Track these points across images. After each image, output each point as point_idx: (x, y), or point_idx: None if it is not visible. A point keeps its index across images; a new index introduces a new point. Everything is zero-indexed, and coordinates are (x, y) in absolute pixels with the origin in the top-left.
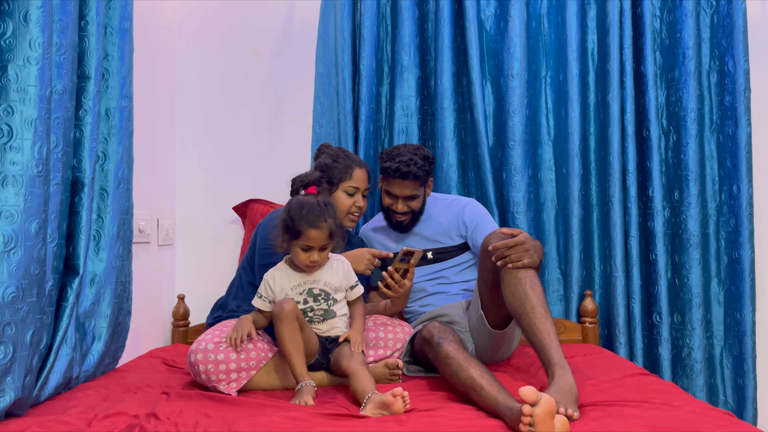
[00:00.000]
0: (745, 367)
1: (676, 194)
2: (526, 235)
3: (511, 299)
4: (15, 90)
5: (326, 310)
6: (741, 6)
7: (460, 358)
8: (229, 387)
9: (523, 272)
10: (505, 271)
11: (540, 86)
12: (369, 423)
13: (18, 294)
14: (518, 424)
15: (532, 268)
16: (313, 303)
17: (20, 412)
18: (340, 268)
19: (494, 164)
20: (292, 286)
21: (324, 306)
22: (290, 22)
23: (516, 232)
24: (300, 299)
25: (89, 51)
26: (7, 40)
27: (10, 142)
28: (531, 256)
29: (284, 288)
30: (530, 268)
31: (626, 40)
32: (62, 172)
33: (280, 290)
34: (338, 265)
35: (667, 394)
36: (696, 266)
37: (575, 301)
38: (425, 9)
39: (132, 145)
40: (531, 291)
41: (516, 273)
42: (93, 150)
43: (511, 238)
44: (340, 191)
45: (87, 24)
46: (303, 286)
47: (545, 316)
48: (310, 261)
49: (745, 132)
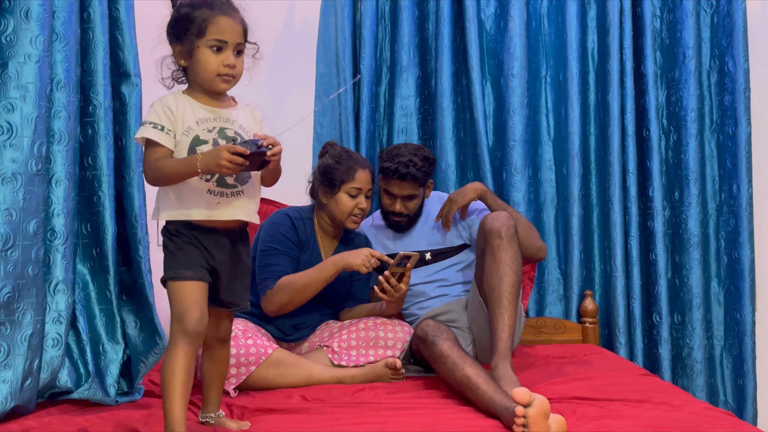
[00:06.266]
0: (745, 367)
1: (676, 194)
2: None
3: (485, 285)
4: (15, 87)
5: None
6: (741, 6)
7: (455, 356)
8: (228, 383)
9: (503, 254)
10: (488, 253)
11: (540, 86)
12: (366, 422)
13: (14, 294)
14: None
15: (511, 251)
16: None
17: (20, 413)
18: (252, 114)
19: (494, 164)
20: (199, 119)
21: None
22: (290, 22)
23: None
24: (209, 139)
25: (94, 44)
26: (7, 36)
27: (9, 140)
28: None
29: (187, 119)
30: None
31: (626, 39)
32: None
33: (181, 120)
34: (249, 111)
35: (667, 393)
36: (696, 266)
37: (575, 301)
38: (425, 9)
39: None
40: (503, 279)
41: (496, 256)
42: (109, 146)
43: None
44: (342, 193)
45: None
46: (213, 123)
47: (507, 308)
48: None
49: (745, 132)
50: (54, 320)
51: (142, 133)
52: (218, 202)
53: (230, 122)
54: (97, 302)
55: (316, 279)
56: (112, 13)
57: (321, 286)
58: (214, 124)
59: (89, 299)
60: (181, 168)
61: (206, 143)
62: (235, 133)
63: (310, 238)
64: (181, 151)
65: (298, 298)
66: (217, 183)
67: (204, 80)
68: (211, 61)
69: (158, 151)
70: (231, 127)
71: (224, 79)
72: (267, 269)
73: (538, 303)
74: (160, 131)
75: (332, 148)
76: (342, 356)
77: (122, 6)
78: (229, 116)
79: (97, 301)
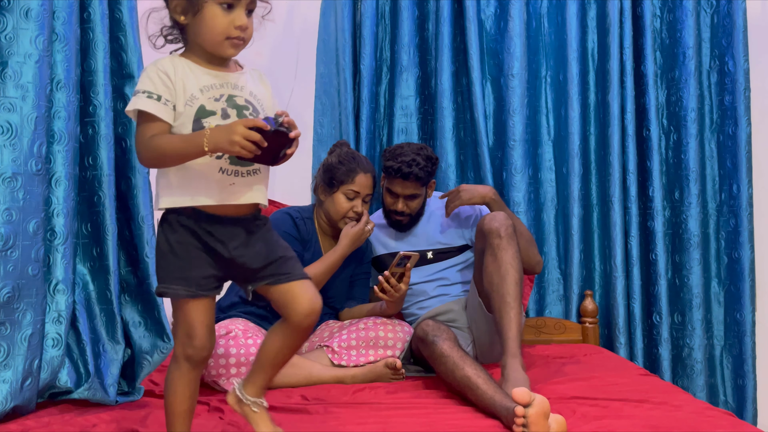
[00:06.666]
0: (745, 368)
1: (676, 194)
2: (464, 185)
3: (488, 285)
4: (15, 87)
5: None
6: (741, 6)
7: (455, 356)
8: (228, 382)
9: (504, 254)
10: (488, 253)
11: (540, 86)
12: (366, 422)
13: (14, 294)
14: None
15: (511, 250)
16: (237, 119)
17: (20, 413)
18: (262, 80)
19: (494, 164)
20: (203, 86)
21: None
22: (290, 22)
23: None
24: (216, 110)
25: (95, 43)
26: (7, 36)
27: (9, 140)
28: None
29: (188, 86)
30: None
31: (626, 39)
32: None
33: (182, 88)
34: (258, 76)
35: (667, 393)
36: (696, 266)
37: (575, 301)
38: (425, 9)
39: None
40: (505, 278)
41: (496, 256)
42: (109, 146)
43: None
44: (339, 193)
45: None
46: (219, 90)
47: (512, 306)
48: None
49: (745, 132)
50: (54, 320)
51: (135, 105)
52: (232, 182)
53: (239, 89)
54: (97, 302)
55: (324, 272)
56: (115, 15)
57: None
58: (221, 92)
59: (89, 299)
60: (184, 146)
61: (214, 114)
62: (245, 102)
63: (311, 238)
64: (184, 125)
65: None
66: (230, 160)
67: (209, 43)
68: (220, 20)
69: (154, 126)
70: (240, 95)
71: (234, 42)
72: None
73: (538, 303)
74: (156, 101)
75: (340, 148)
76: (342, 356)
77: (125, 7)
78: (237, 81)
79: (97, 301)
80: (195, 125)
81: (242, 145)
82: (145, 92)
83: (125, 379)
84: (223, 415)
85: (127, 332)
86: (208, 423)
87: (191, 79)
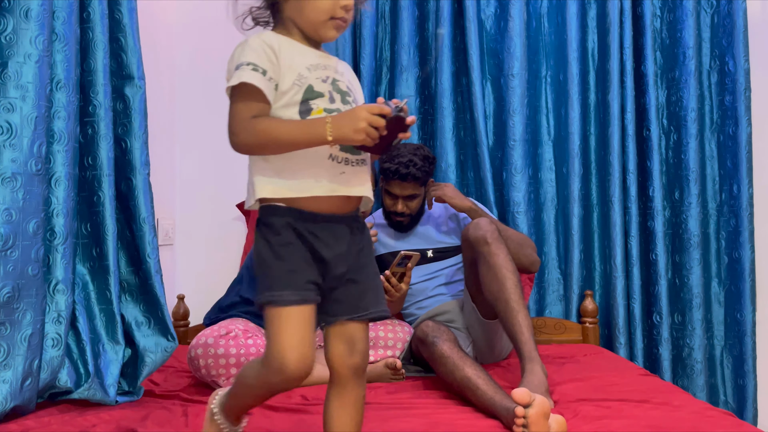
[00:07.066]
0: (746, 368)
1: (676, 194)
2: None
3: (488, 294)
4: (15, 87)
5: None
6: (741, 6)
7: (455, 357)
8: (228, 382)
9: (496, 259)
10: (480, 261)
11: (540, 86)
12: (366, 422)
13: (14, 294)
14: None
15: (502, 254)
16: (341, 105)
17: (20, 413)
18: (353, 74)
19: (494, 164)
20: (309, 64)
21: None
22: None
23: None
24: (324, 92)
25: (94, 43)
26: (7, 36)
27: (9, 140)
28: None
29: (296, 64)
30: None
31: (626, 39)
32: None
33: (288, 65)
34: (346, 66)
35: (667, 394)
36: (696, 266)
37: (575, 301)
38: (425, 8)
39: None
40: (504, 283)
41: (490, 263)
42: (109, 146)
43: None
44: None
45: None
46: (324, 71)
47: (517, 310)
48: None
49: (745, 132)
50: (54, 320)
51: (239, 77)
52: (343, 171)
53: (340, 74)
54: (97, 302)
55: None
56: (115, 15)
57: None
58: (326, 73)
59: (89, 299)
60: (301, 134)
61: (322, 96)
62: (347, 88)
63: None
64: (288, 106)
65: None
66: (340, 146)
67: (311, 22)
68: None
69: (255, 105)
70: (342, 80)
71: (337, 23)
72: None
73: (538, 303)
74: (261, 76)
75: None
76: None
77: (125, 8)
78: (337, 66)
79: (97, 301)
80: (302, 107)
81: (368, 133)
82: (249, 64)
83: (126, 379)
84: None
85: (130, 332)
86: None
87: (297, 55)
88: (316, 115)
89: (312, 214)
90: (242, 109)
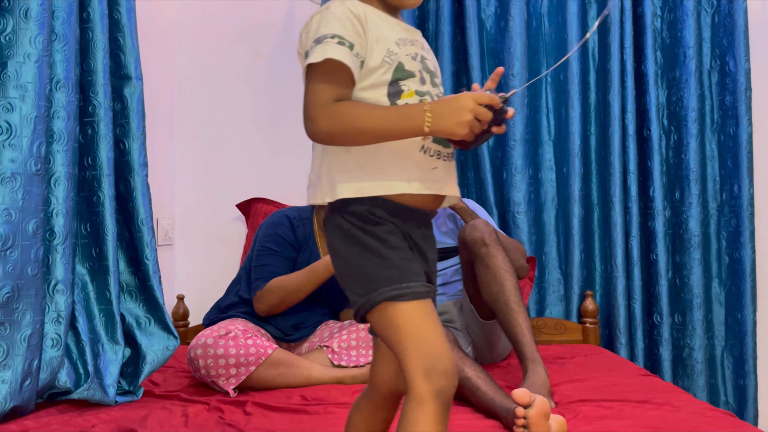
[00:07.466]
0: (746, 368)
1: (677, 194)
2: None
3: (487, 296)
4: (14, 87)
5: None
6: (742, 5)
7: (455, 357)
8: (228, 382)
9: (494, 261)
10: (479, 264)
11: (540, 86)
12: None
13: (13, 294)
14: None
15: (500, 255)
16: (431, 87)
17: (20, 413)
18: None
19: (494, 164)
20: (398, 39)
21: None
22: (290, 22)
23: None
24: (414, 71)
25: (94, 43)
26: (6, 36)
27: (9, 140)
28: None
29: (384, 36)
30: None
31: (627, 39)
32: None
33: (376, 38)
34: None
35: (667, 394)
36: (697, 266)
37: (576, 302)
38: (425, 8)
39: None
40: (503, 284)
41: (488, 265)
42: (109, 146)
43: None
44: None
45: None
46: (412, 47)
47: (517, 311)
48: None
49: (746, 132)
50: (53, 320)
51: (324, 53)
52: (435, 167)
53: (426, 50)
54: (97, 302)
55: (308, 281)
56: (113, 15)
57: (313, 288)
58: (414, 49)
59: (89, 299)
60: (395, 124)
61: (413, 77)
62: (434, 68)
63: (309, 239)
64: (374, 87)
65: (289, 300)
66: (433, 138)
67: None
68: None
69: (337, 87)
70: (429, 58)
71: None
72: (261, 269)
73: (538, 303)
74: (348, 51)
75: None
76: (342, 356)
77: (123, 8)
78: (423, 42)
79: (97, 301)
80: (390, 88)
81: (472, 127)
82: (335, 37)
83: (126, 378)
84: (223, 414)
85: (131, 331)
86: (207, 423)
87: (385, 27)
88: (408, 98)
89: (402, 207)
90: (323, 91)
